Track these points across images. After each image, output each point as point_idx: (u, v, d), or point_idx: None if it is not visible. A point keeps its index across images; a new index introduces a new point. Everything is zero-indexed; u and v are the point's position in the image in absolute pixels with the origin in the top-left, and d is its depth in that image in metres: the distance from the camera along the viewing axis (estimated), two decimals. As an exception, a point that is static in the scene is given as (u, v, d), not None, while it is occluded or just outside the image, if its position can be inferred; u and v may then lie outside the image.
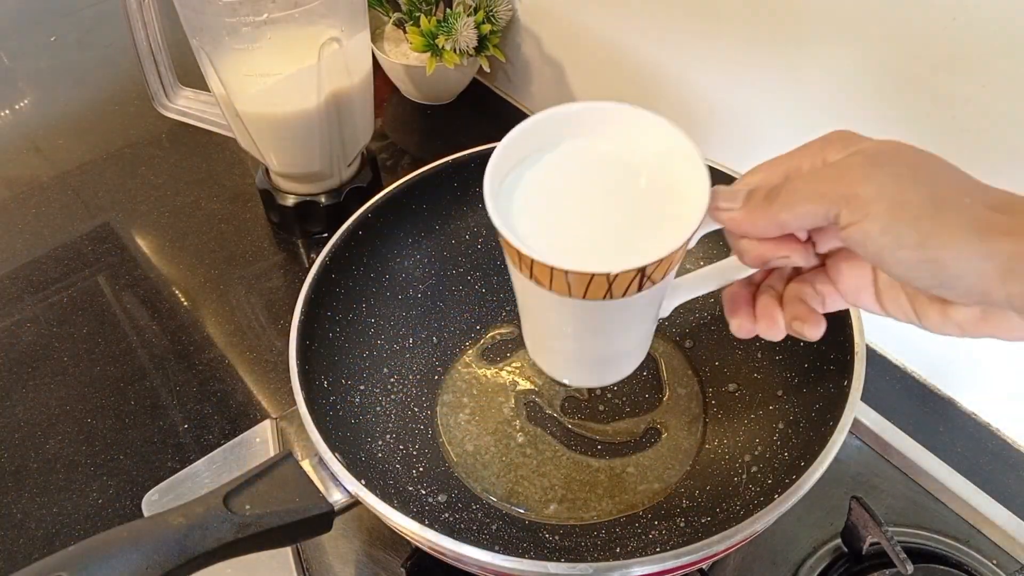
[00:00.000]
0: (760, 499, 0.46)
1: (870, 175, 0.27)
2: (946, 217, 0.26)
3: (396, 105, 0.88)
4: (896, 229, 0.26)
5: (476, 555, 0.37)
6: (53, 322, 0.68)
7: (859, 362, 0.43)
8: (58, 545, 0.54)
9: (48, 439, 0.60)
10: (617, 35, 0.70)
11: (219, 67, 0.62)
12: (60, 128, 0.89)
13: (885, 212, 0.26)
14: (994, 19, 0.44)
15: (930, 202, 0.26)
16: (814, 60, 0.54)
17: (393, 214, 0.55)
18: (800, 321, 0.33)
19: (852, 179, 0.27)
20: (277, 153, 0.68)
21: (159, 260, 0.73)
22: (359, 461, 0.47)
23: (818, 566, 0.49)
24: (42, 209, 0.79)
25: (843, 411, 0.41)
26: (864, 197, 0.27)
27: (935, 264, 0.26)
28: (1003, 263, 0.25)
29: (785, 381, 0.51)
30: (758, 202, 0.30)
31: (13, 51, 1.01)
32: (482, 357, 0.59)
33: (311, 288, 0.49)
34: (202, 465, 0.55)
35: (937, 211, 0.26)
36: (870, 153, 0.28)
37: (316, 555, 0.51)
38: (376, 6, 0.82)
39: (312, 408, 0.44)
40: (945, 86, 0.47)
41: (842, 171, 0.28)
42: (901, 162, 0.28)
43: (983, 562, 0.49)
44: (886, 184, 0.27)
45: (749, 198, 0.31)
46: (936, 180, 0.27)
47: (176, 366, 0.64)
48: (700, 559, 0.37)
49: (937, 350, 0.59)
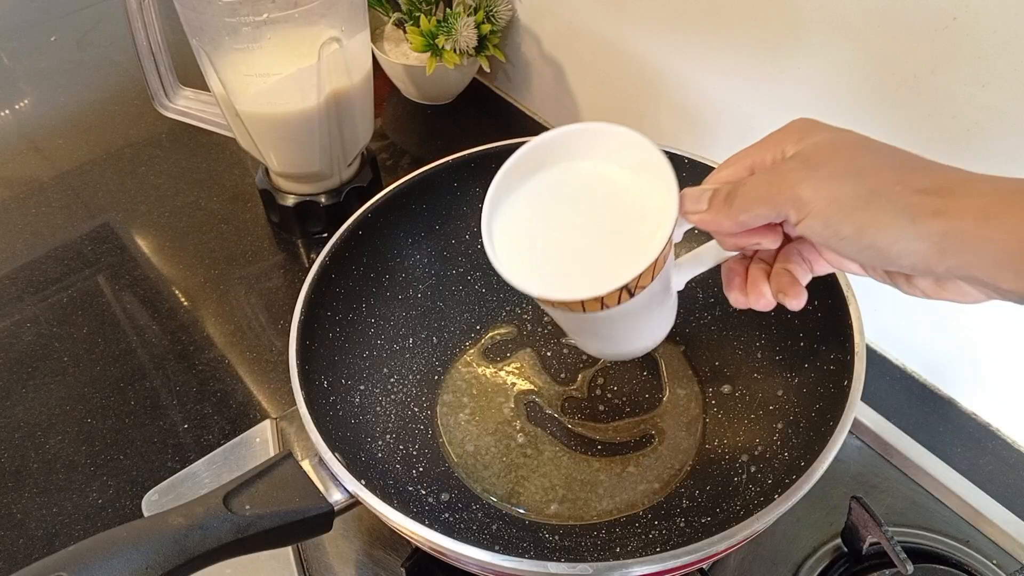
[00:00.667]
0: (760, 499, 0.46)
1: (807, 177, 0.31)
2: (878, 206, 0.29)
3: (396, 105, 0.88)
4: (835, 224, 0.30)
5: (476, 555, 0.37)
6: (53, 322, 0.68)
7: (859, 362, 0.43)
8: (58, 545, 0.54)
9: (48, 439, 0.60)
10: (617, 35, 0.70)
11: (219, 67, 0.62)
12: (60, 128, 0.89)
13: (823, 210, 0.30)
14: (994, 19, 0.44)
15: (863, 194, 0.29)
16: (815, 59, 0.54)
17: (393, 214, 0.55)
18: (783, 293, 0.36)
19: (793, 182, 0.31)
20: (277, 153, 0.68)
21: (159, 260, 0.73)
22: (359, 461, 0.47)
23: (818, 566, 0.49)
24: (42, 209, 0.79)
25: (843, 411, 0.41)
26: (804, 198, 0.30)
27: (874, 248, 0.29)
28: (936, 242, 0.28)
29: (785, 381, 0.51)
30: (719, 205, 0.34)
31: (13, 51, 1.01)
32: (482, 357, 0.59)
33: (311, 288, 0.49)
34: (202, 465, 0.55)
35: (870, 202, 0.29)
36: (807, 156, 0.32)
37: (316, 555, 0.51)
38: (376, 6, 0.82)
39: (312, 408, 0.44)
40: (945, 86, 0.47)
41: (784, 175, 0.32)
42: (837, 159, 0.31)
43: (983, 562, 0.49)
44: (821, 184, 0.30)
45: (712, 201, 0.35)
46: (870, 171, 0.30)
47: (176, 366, 0.64)
48: (700, 559, 0.37)
49: (937, 350, 0.59)
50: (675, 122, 0.69)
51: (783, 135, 0.34)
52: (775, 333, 0.52)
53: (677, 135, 0.69)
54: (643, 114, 0.72)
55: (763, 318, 0.53)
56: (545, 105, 0.85)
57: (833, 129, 0.33)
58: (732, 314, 0.56)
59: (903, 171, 0.30)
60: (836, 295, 0.46)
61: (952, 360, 0.58)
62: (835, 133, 0.33)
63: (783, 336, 0.52)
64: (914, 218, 0.28)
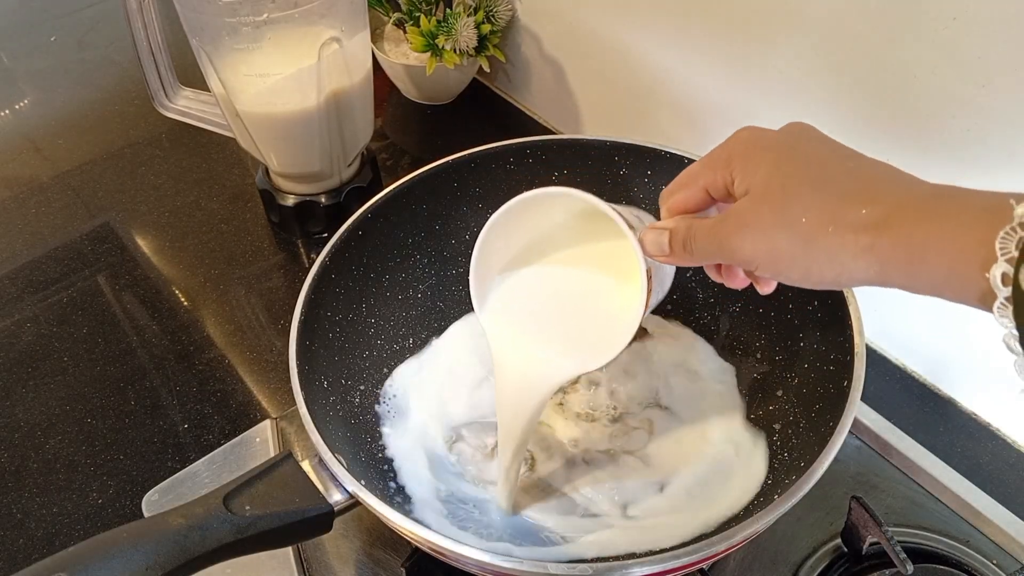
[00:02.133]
0: (760, 499, 0.46)
1: (745, 236, 0.33)
2: (816, 253, 0.31)
3: (396, 105, 0.88)
4: (783, 272, 0.33)
5: (476, 555, 0.37)
6: (53, 322, 0.68)
7: (859, 362, 0.43)
8: (58, 545, 0.54)
9: (48, 439, 0.60)
10: (617, 35, 0.70)
11: (219, 67, 0.62)
12: (60, 128, 0.89)
13: (767, 263, 0.33)
14: (993, 19, 0.44)
15: (800, 244, 0.31)
16: (815, 60, 0.54)
17: (393, 214, 0.55)
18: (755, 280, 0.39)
19: (735, 241, 0.34)
20: (277, 153, 0.68)
21: (159, 260, 0.73)
22: (359, 461, 0.47)
23: (818, 566, 0.49)
24: (42, 209, 0.79)
25: (843, 411, 0.41)
26: (748, 255, 0.33)
27: (824, 282, 0.32)
28: (879, 271, 0.30)
29: (785, 381, 0.51)
30: (679, 250, 0.37)
31: (13, 51, 1.01)
32: (482, 357, 0.59)
33: (311, 288, 0.49)
34: (202, 465, 0.55)
35: (807, 251, 0.31)
36: (741, 211, 0.34)
37: (316, 555, 0.51)
38: (376, 6, 0.82)
39: (312, 408, 0.44)
40: (945, 86, 0.47)
41: (727, 233, 0.34)
42: (770, 205, 0.33)
43: (983, 562, 0.49)
44: (759, 242, 0.33)
45: (672, 245, 0.37)
46: (800, 215, 0.31)
47: (176, 366, 0.64)
48: (700, 559, 0.37)
49: (937, 350, 0.59)
50: (675, 122, 0.69)
51: (728, 151, 0.36)
52: (775, 333, 0.52)
53: (677, 135, 0.69)
54: (643, 114, 0.72)
55: (763, 318, 0.53)
56: (545, 105, 0.85)
57: (771, 146, 0.34)
58: (732, 315, 0.56)
59: (834, 203, 0.31)
60: (836, 295, 0.46)
61: (952, 360, 0.58)
62: (772, 158, 0.34)
63: (783, 336, 0.52)
64: (854, 255, 0.30)
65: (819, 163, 0.33)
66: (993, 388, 0.56)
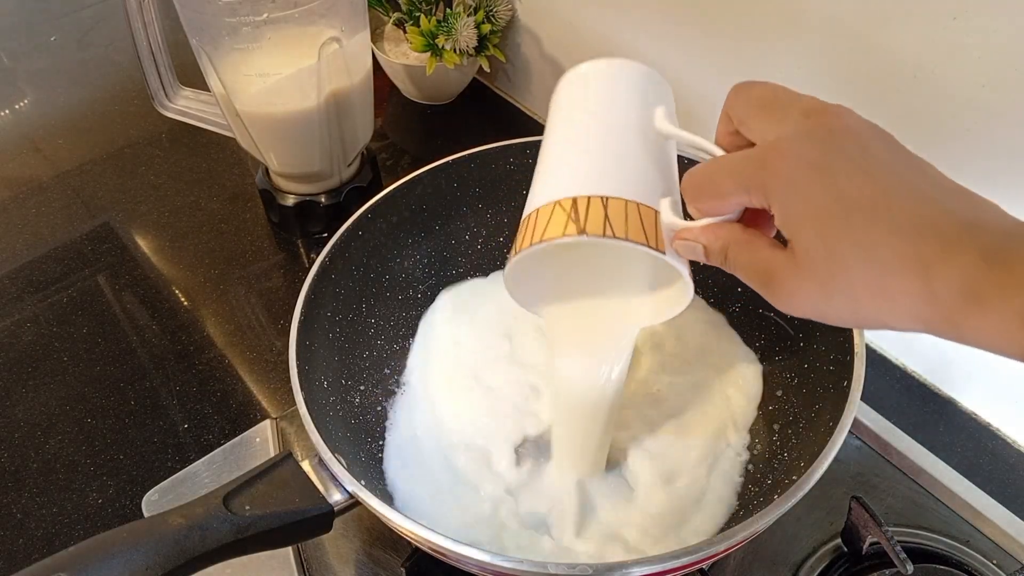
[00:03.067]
0: (760, 499, 0.46)
1: (791, 305, 0.31)
2: (864, 297, 0.28)
3: (396, 105, 0.88)
4: (830, 313, 0.30)
5: (476, 555, 0.37)
6: (53, 322, 0.68)
7: (859, 362, 0.43)
8: (58, 545, 0.54)
9: (48, 439, 0.60)
10: (617, 35, 0.70)
11: (219, 67, 0.62)
12: (60, 128, 0.89)
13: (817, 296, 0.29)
14: (993, 19, 0.44)
15: (844, 291, 0.28)
16: (815, 60, 0.54)
17: (393, 214, 0.55)
18: None
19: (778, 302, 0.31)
20: (277, 153, 0.68)
21: (159, 260, 0.73)
22: (359, 461, 0.47)
23: (818, 566, 0.49)
24: (42, 209, 0.79)
25: (843, 411, 0.41)
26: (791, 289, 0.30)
27: (871, 323, 0.29)
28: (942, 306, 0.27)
29: (785, 381, 0.51)
30: (716, 261, 0.34)
31: (13, 51, 1.01)
32: (482, 357, 0.59)
33: (311, 288, 0.49)
34: (202, 465, 0.55)
35: (856, 311, 0.29)
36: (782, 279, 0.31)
37: (316, 555, 0.51)
38: (376, 6, 0.82)
39: (312, 408, 0.44)
40: (945, 86, 0.47)
41: (768, 290, 0.31)
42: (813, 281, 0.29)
43: (983, 562, 0.49)
44: (806, 310, 0.30)
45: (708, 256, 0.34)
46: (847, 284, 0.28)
47: (176, 366, 0.64)
48: (700, 559, 0.37)
49: (937, 350, 0.59)
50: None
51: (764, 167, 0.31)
52: (775, 333, 0.52)
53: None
54: (643, 114, 0.72)
55: (763, 318, 0.53)
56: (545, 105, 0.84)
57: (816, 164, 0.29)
58: (732, 315, 0.56)
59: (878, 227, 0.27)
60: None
61: (952, 360, 0.58)
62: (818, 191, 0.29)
63: (783, 336, 0.52)
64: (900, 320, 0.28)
65: (871, 199, 0.28)
66: (993, 388, 0.56)
